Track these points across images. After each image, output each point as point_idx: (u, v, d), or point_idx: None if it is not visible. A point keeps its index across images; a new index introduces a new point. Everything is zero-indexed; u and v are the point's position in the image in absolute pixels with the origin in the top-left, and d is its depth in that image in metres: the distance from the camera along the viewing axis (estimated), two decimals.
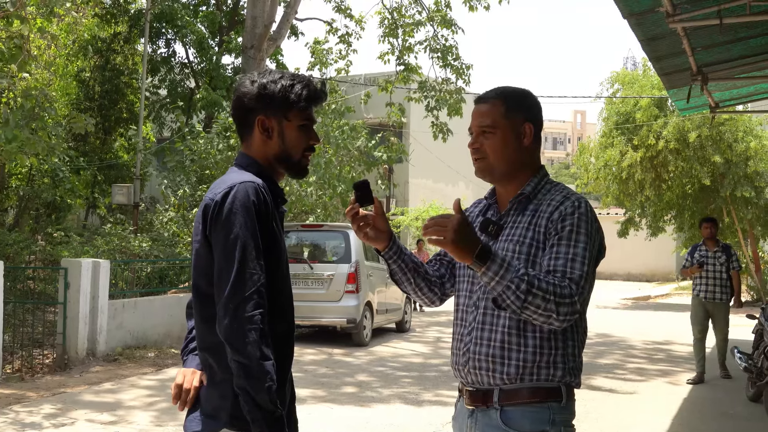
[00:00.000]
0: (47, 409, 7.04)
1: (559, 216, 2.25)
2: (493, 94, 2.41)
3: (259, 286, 2.06)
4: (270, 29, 13.93)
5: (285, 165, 2.31)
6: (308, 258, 11.99)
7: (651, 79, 21.79)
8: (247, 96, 2.26)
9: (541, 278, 2.13)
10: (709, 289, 9.06)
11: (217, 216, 2.10)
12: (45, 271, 11.95)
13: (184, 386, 2.24)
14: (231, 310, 2.03)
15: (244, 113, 2.28)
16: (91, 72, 21.53)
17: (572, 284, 2.15)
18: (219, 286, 2.07)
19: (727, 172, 20.60)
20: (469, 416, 2.36)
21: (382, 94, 18.18)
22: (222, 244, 2.08)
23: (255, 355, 1.99)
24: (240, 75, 2.42)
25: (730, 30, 6.04)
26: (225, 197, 2.11)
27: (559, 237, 2.22)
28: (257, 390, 1.99)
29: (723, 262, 9.06)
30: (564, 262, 2.18)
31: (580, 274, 2.17)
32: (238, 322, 2.01)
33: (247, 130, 2.30)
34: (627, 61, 45.98)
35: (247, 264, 2.06)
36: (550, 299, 2.10)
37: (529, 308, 2.11)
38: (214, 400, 2.15)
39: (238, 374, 2.01)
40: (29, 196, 18.20)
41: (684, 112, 11.61)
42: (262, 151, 2.29)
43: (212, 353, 2.15)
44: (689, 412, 7.64)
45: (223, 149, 15.46)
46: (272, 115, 2.26)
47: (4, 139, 8.33)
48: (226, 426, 2.12)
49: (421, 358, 10.83)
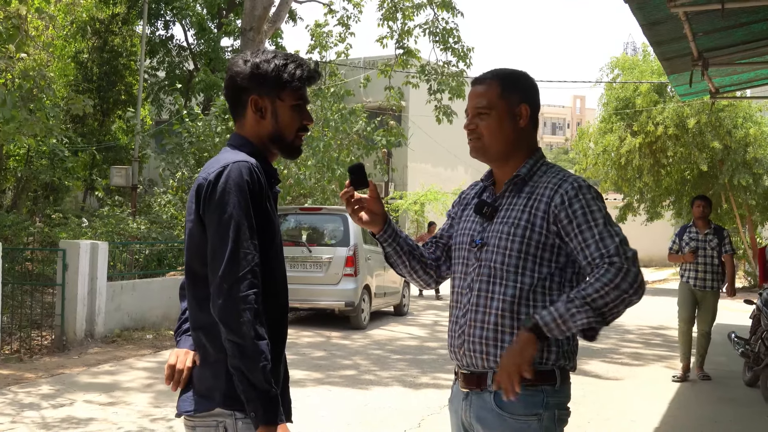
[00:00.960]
0: (45, 390, 7.06)
1: (563, 201, 2.24)
2: (490, 75, 2.41)
3: (253, 266, 2.06)
4: (269, 11, 13.86)
5: (278, 145, 2.30)
6: (306, 241, 11.99)
7: (651, 64, 21.74)
8: (240, 75, 2.24)
9: (586, 287, 2.14)
10: (699, 276, 8.17)
11: (211, 195, 2.09)
12: (43, 253, 11.96)
13: (177, 366, 2.24)
14: (225, 289, 2.02)
15: (236, 93, 2.27)
16: (89, 53, 21.42)
17: (614, 258, 2.15)
18: (212, 265, 2.07)
19: (726, 158, 20.59)
20: (464, 399, 2.38)
21: (381, 78, 18.13)
22: (216, 224, 2.08)
23: (249, 334, 1.99)
24: (233, 55, 2.40)
25: (731, 15, 6.01)
26: (218, 177, 2.09)
27: (577, 224, 2.21)
28: (252, 369, 1.99)
29: (714, 246, 8.14)
30: (596, 247, 2.19)
31: (615, 245, 2.17)
32: (232, 302, 2.01)
33: (240, 110, 2.28)
34: (627, 46, 45.89)
35: (241, 243, 2.05)
36: (609, 291, 2.11)
37: (609, 314, 2.15)
38: (208, 380, 2.15)
39: (233, 354, 2.01)
40: (27, 178, 18.18)
41: (684, 97, 11.58)
42: (255, 131, 2.27)
43: (205, 333, 2.15)
44: (686, 396, 7.68)
45: (221, 132, 15.42)
46: (265, 94, 2.24)
47: (1, 119, 8.30)
48: (220, 406, 2.12)
49: (419, 342, 10.86)
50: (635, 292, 2.13)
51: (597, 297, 2.12)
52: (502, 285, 2.28)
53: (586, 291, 2.14)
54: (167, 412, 6.33)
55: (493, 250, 2.30)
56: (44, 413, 6.24)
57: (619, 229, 2.24)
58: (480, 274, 2.32)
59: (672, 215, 25.31)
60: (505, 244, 2.28)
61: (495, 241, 2.31)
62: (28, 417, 6.11)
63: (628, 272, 2.13)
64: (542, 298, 2.26)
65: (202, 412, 2.15)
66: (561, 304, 2.16)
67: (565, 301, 2.15)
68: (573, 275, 2.31)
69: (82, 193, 22.57)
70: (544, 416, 2.24)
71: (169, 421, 6.06)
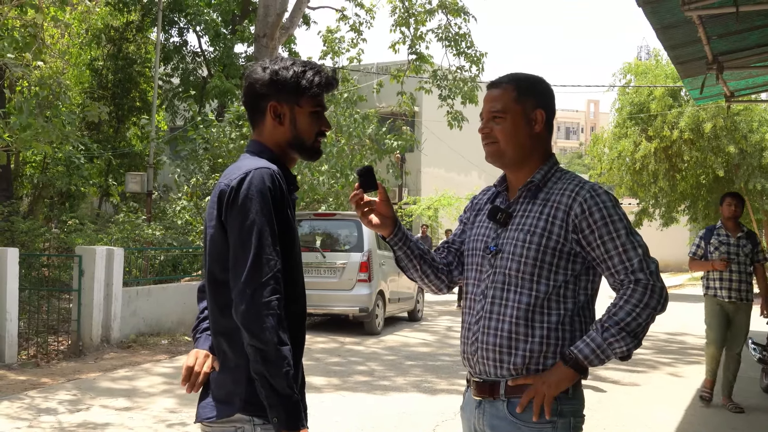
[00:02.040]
0: (62, 395, 7.10)
1: (583, 210, 2.23)
2: (505, 80, 2.40)
3: (275, 272, 2.07)
4: (282, 18, 13.92)
5: (298, 149, 2.32)
6: (321, 247, 12.01)
7: (664, 68, 21.65)
8: (259, 82, 2.26)
9: (616, 311, 2.18)
10: (733, 286, 6.93)
11: (233, 202, 2.10)
12: (59, 259, 12.04)
13: (195, 369, 2.25)
14: (248, 295, 2.03)
15: (255, 100, 2.29)
16: (104, 61, 21.60)
17: (639, 275, 2.18)
18: (235, 271, 2.08)
19: (742, 162, 20.46)
20: (476, 407, 2.37)
21: (394, 84, 18.16)
22: (238, 230, 2.09)
23: (273, 340, 2.01)
24: (251, 63, 2.42)
25: (746, 18, 5.98)
26: (241, 183, 2.10)
27: (599, 235, 2.22)
28: (274, 375, 2.01)
29: (748, 253, 6.96)
30: (619, 260, 2.21)
31: (638, 259, 2.20)
32: (255, 308, 2.02)
33: (258, 117, 2.30)
34: (641, 50, 45.59)
35: (264, 250, 2.06)
36: (641, 312, 2.16)
37: (642, 333, 2.19)
38: (227, 386, 2.17)
39: (255, 359, 2.02)
40: (43, 184, 18.31)
41: (699, 101, 11.52)
42: (273, 138, 2.29)
43: (226, 338, 2.16)
44: (702, 403, 7.61)
45: (235, 138, 15.50)
46: (284, 101, 2.26)
47: (18, 127, 8.38)
48: (240, 411, 2.13)
49: (433, 347, 10.85)
50: (662, 308, 2.19)
51: (630, 320, 2.16)
52: (517, 293, 2.27)
53: (618, 316, 2.17)
54: (183, 418, 6.36)
55: (508, 257, 2.29)
56: (61, 418, 6.28)
57: (641, 239, 2.25)
58: (494, 281, 2.31)
59: (687, 220, 25.17)
60: (521, 251, 2.27)
61: (510, 248, 2.30)
62: (45, 422, 6.15)
63: (654, 289, 2.17)
64: (557, 306, 2.26)
65: (222, 418, 2.16)
66: (596, 334, 2.18)
67: (600, 330, 2.18)
68: (588, 283, 2.30)
69: (98, 200, 22.71)
70: (559, 423, 2.23)
71: (185, 426, 6.08)
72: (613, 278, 2.23)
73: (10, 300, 8.26)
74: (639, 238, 2.24)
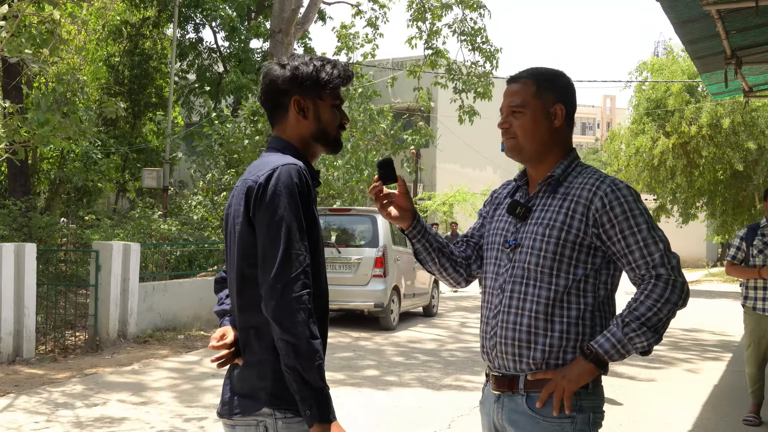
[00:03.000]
0: (79, 390, 7.16)
1: (603, 204, 2.22)
2: (525, 74, 2.39)
3: (305, 267, 2.09)
4: (298, 13, 13.93)
5: (323, 142, 2.34)
6: (336, 242, 12.02)
7: (680, 64, 21.50)
8: (281, 79, 2.29)
9: (637, 306, 2.17)
10: None
11: (261, 198, 2.12)
12: (76, 254, 12.12)
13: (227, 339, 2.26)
14: (278, 290, 2.05)
15: (277, 96, 2.31)
16: (121, 57, 21.71)
17: (660, 269, 2.17)
18: (264, 267, 2.09)
19: (761, 158, 20.31)
20: (495, 401, 2.36)
21: (410, 79, 18.13)
22: (267, 226, 2.11)
23: (305, 334, 2.03)
24: (266, 62, 2.42)
25: (765, 12, 5.92)
26: (269, 179, 2.13)
27: (620, 229, 2.21)
28: (307, 368, 2.02)
29: None
30: (640, 254, 2.20)
31: (660, 254, 2.19)
32: (286, 302, 2.04)
33: (281, 113, 2.32)
34: (658, 45, 45.35)
35: (293, 245, 2.08)
36: (662, 307, 2.15)
37: (663, 328, 2.18)
38: (252, 381, 2.19)
39: (288, 354, 2.03)
40: (60, 180, 18.44)
41: (717, 96, 11.42)
42: (297, 133, 2.31)
43: (253, 333, 2.19)
44: (719, 399, 7.57)
45: (251, 134, 15.53)
46: (307, 95, 2.29)
47: (36, 123, 8.43)
48: (266, 405, 2.15)
49: (448, 343, 10.84)
50: (684, 302, 2.18)
51: (651, 315, 2.15)
52: (536, 287, 2.26)
53: (639, 311, 2.16)
54: (199, 412, 6.39)
55: (527, 252, 2.29)
56: (78, 412, 6.32)
57: (662, 233, 2.23)
58: (513, 275, 2.31)
59: (705, 216, 24.99)
60: (540, 245, 2.26)
61: (529, 242, 2.29)
62: (62, 416, 6.20)
63: (675, 283, 2.16)
64: (576, 300, 2.25)
65: (248, 414, 2.18)
66: (617, 329, 2.17)
67: (621, 324, 2.17)
68: (608, 277, 2.29)
69: (114, 195, 22.85)
70: (578, 419, 2.22)
71: (200, 420, 6.11)
72: (634, 273, 2.22)
73: (28, 295, 8.32)
74: (660, 232, 2.23)
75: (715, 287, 24.76)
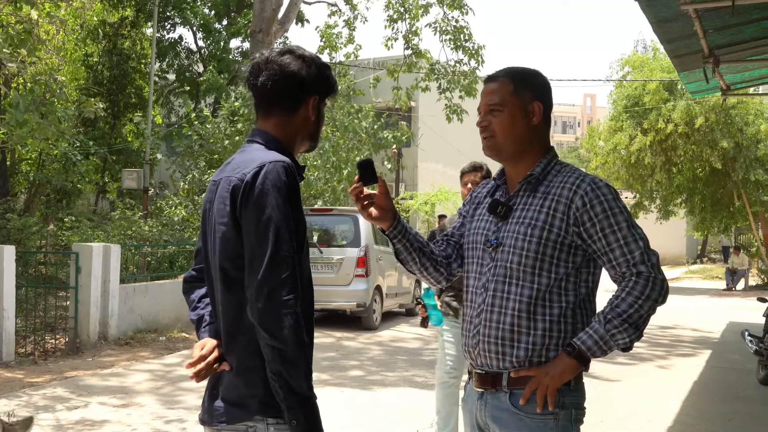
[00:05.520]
0: (60, 392, 7.10)
1: (584, 203, 2.24)
2: (502, 73, 2.41)
3: (293, 270, 1.99)
4: (278, 13, 13.90)
5: (311, 141, 2.29)
6: (318, 242, 12.00)
7: (661, 62, 21.67)
8: (305, 74, 2.20)
9: (619, 303, 2.20)
10: None
11: (248, 196, 2.02)
12: (56, 256, 12.02)
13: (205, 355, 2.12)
14: (265, 294, 1.95)
15: (291, 91, 2.20)
16: (100, 57, 21.53)
17: (641, 267, 2.21)
18: (251, 269, 1.99)
19: (738, 155, 20.51)
20: (478, 398, 2.37)
21: (391, 79, 18.13)
22: (254, 226, 2.00)
23: (291, 339, 1.93)
24: (280, 49, 2.34)
25: (742, 11, 5.98)
26: (255, 176, 2.02)
27: (600, 228, 2.23)
28: (293, 375, 1.94)
29: None
30: (620, 252, 2.22)
31: (640, 252, 2.22)
32: (273, 307, 1.94)
33: (287, 107, 2.20)
34: (638, 44, 45.69)
35: (281, 246, 1.98)
36: (643, 304, 2.18)
37: (644, 325, 2.21)
38: (240, 389, 2.08)
39: (274, 359, 1.94)
40: (39, 182, 18.27)
41: (695, 95, 11.52)
42: (293, 131, 2.22)
43: (240, 338, 2.08)
44: (699, 395, 7.65)
45: (231, 134, 15.47)
46: (320, 95, 2.25)
47: (14, 123, 8.35)
48: (257, 413, 2.05)
49: (431, 342, 10.85)
50: (663, 299, 2.21)
51: (632, 312, 2.18)
52: (519, 286, 2.27)
53: (620, 308, 2.19)
54: (181, 414, 6.36)
55: (509, 251, 2.30)
56: (59, 415, 6.27)
57: (642, 231, 2.26)
58: (495, 274, 2.32)
59: (685, 213, 25.21)
60: (522, 244, 2.28)
61: (511, 241, 2.30)
62: (43, 419, 6.14)
63: (656, 281, 2.20)
64: (558, 298, 2.26)
65: (236, 422, 2.08)
66: (599, 326, 2.20)
67: (603, 321, 2.19)
68: (589, 275, 2.31)
69: (94, 197, 22.66)
70: (561, 415, 2.24)
71: (182, 423, 6.08)
72: (615, 270, 2.25)
73: (6, 297, 8.24)
74: (640, 230, 2.25)
75: (695, 284, 24.99)
